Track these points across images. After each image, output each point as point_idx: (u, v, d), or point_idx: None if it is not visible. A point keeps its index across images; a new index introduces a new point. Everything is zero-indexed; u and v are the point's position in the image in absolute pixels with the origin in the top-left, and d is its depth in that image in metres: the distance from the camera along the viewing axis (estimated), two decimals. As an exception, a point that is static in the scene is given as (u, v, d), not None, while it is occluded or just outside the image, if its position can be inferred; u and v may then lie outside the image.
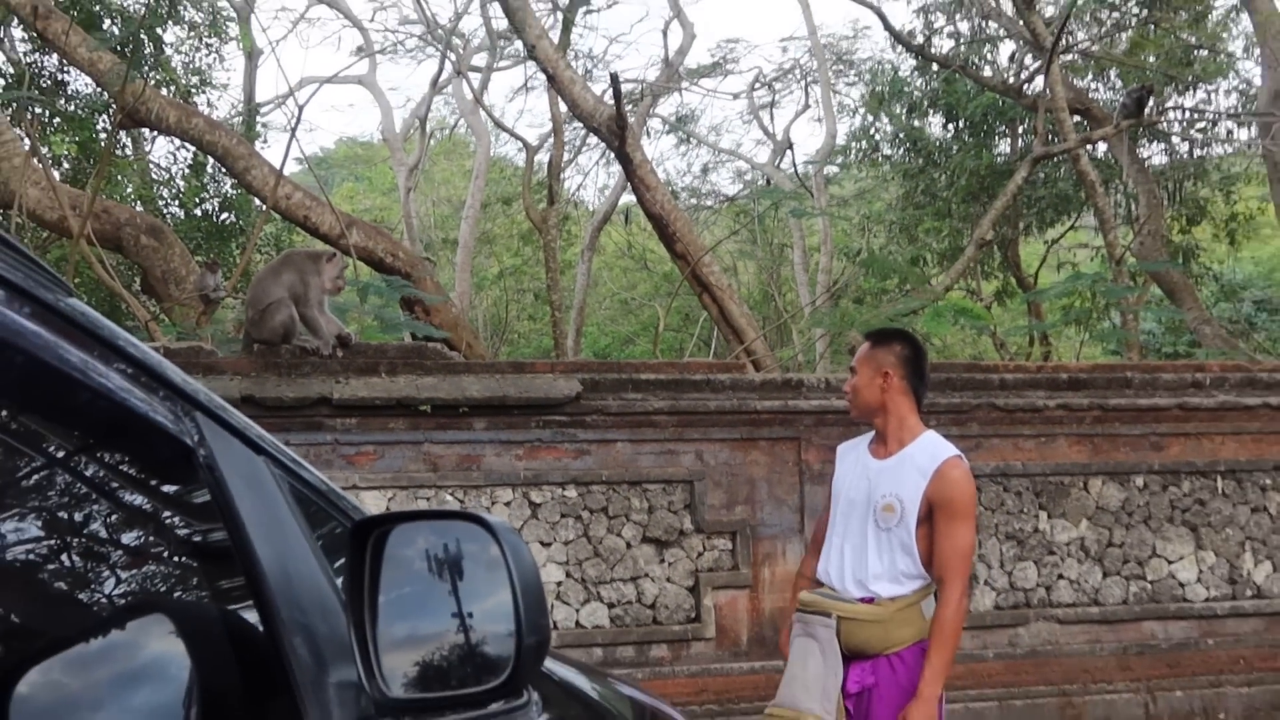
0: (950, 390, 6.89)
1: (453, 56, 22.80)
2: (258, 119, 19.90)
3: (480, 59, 24.00)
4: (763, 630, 6.57)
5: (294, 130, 10.67)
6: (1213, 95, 19.16)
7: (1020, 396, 6.97)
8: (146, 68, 14.50)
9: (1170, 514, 7.09)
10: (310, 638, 1.70)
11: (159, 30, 15.64)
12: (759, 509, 6.62)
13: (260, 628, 1.63)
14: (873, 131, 20.99)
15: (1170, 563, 7.08)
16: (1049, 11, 16.43)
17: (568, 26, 18.22)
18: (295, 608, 1.69)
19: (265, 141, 19.97)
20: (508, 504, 6.30)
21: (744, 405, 6.59)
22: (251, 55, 20.46)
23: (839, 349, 17.70)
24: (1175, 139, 18.98)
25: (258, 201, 14.52)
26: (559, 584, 6.32)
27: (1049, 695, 6.63)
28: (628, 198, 22.86)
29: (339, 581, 1.86)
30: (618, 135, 11.49)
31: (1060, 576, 6.95)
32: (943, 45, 19.04)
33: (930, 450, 4.06)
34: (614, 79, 11.46)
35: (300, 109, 11.49)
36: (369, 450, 6.19)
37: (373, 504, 6.04)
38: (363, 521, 1.84)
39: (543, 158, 22.62)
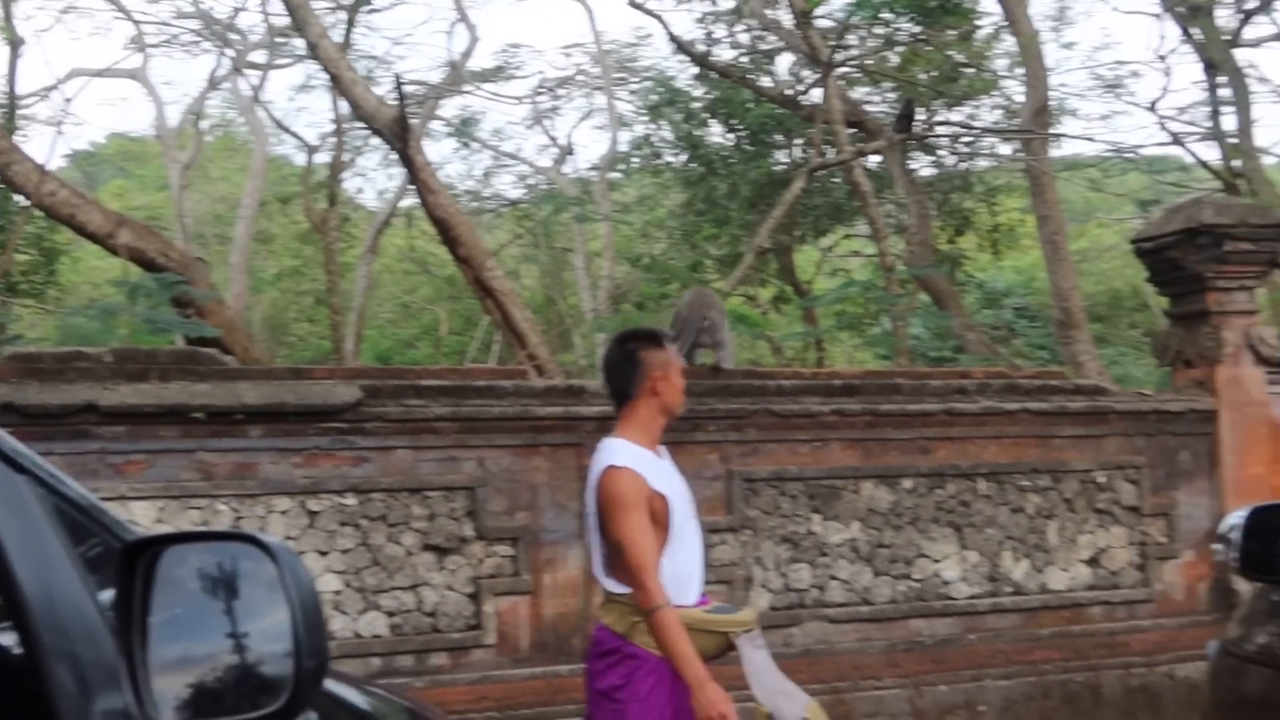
0: (729, 396, 7.02)
1: (230, 53, 22.22)
2: (18, 111, 19.03)
3: (259, 56, 23.42)
4: (544, 636, 6.58)
5: (60, 124, 10.25)
6: (978, 111, 19.96)
7: (796, 402, 7.13)
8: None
9: (936, 515, 7.36)
10: (75, 663, 1.64)
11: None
12: (541, 515, 6.63)
13: (20, 653, 1.57)
14: (654, 139, 21.19)
15: (936, 562, 7.35)
16: (824, 24, 16.86)
17: (351, 26, 17.95)
18: (58, 632, 1.63)
19: (26, 135, 19.13)
20: (284, 512, 6.17)
21: (527, 411, 6.59)
22: (14, 45, 19.56)
23: (621, 354, 17.83)
24: (943, 152, 19.69)
25: (20, 199, 13.88)
26: (337, 593, 6.22)
27: (821, 693, 6.77)
28: (409, 200, 22.65)
29: (106, 604, 1.79)
30: (401, 137, 11.37)
31: (833, 577, 7.15)
32: (723, 55, 19.37)
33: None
34: (397, 80, 11.37)
35: (68, 101, 11.05)
36: (138, 459, 5.98)
37: (142, 515, 5.84)
38: (133, 543, 1.79)
39: (323, 158, 22.25)
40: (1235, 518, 4.65)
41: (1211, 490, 7.94)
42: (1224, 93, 17.80)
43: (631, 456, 4.17)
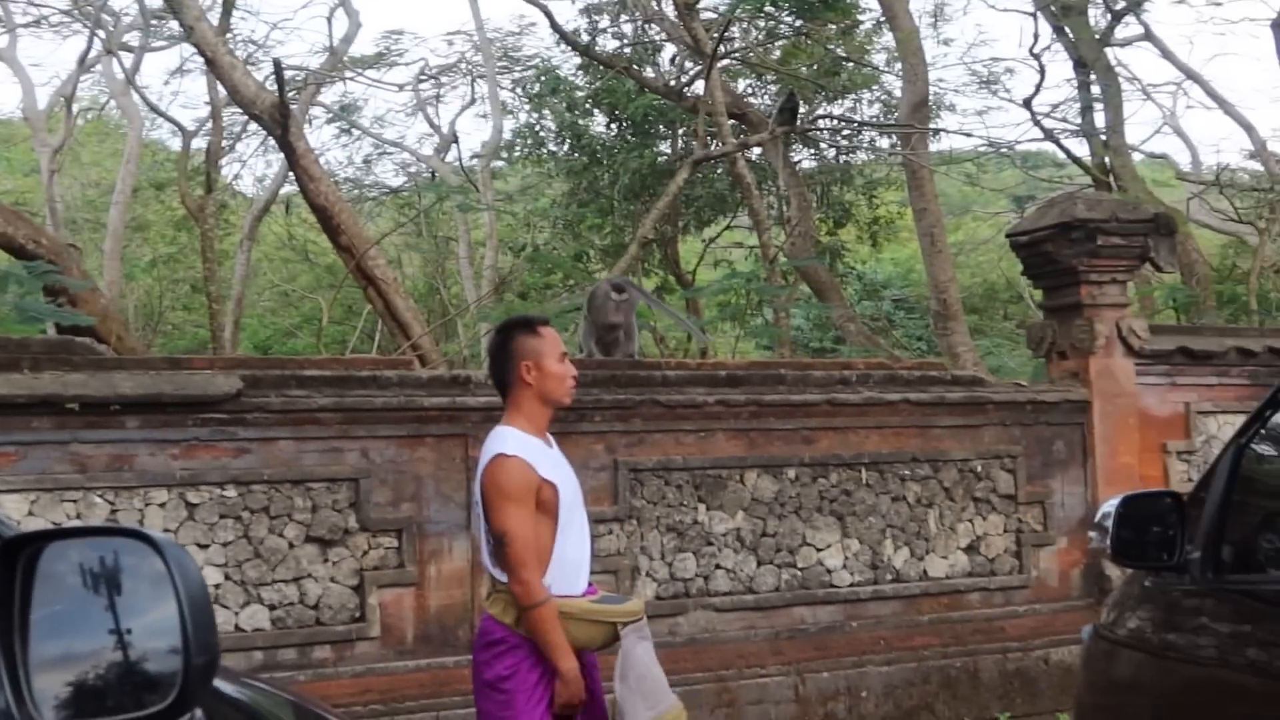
0: (615, 387, 7.02)
1: (102, 34, 21.66)
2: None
3: (133, 38, 22.86)
4: (429, 628, 6.53)
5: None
6: (858, 105, 20.21)
7: (681, 392, 7.16)
8: None
9: (819, 504, 7.44)
10: (-50, 664, 1.59)
11: None
12: (426, 506, 6.57)
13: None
14: (537, 128, 21.13)
15: (819, 550, 7.42)
16: (707, 16, 16.92)
17: (228, 9, 17.60)
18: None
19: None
20: (162, 505, 6.04)
21: (411, 402, 6.53)
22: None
23: (504, 344, 17.76)
24: (824, 145, 19.90)
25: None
26: (217, 586, 6.10)
27: (706, 681, 6.84)
28: (288, 187, 22.31)
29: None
30: (280, 124, 11.19)
31: (718, 566, 7.19)
32: (607, 45, 19.36)
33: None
34: (277, 65, 11.16)
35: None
36: (9, 451, 5.81)
37: (13, 508, 5.68)
38: (12, 539, 1.73)
39: (200, 143, 21.81)
40: (1109, 506, 4.76)
41: (1085, 479, 8.13)
42: (1095, 91, 18.22)
43: (520, 445, 4.15)
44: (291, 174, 14.08)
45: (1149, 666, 4.06)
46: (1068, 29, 18.13)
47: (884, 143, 19.73)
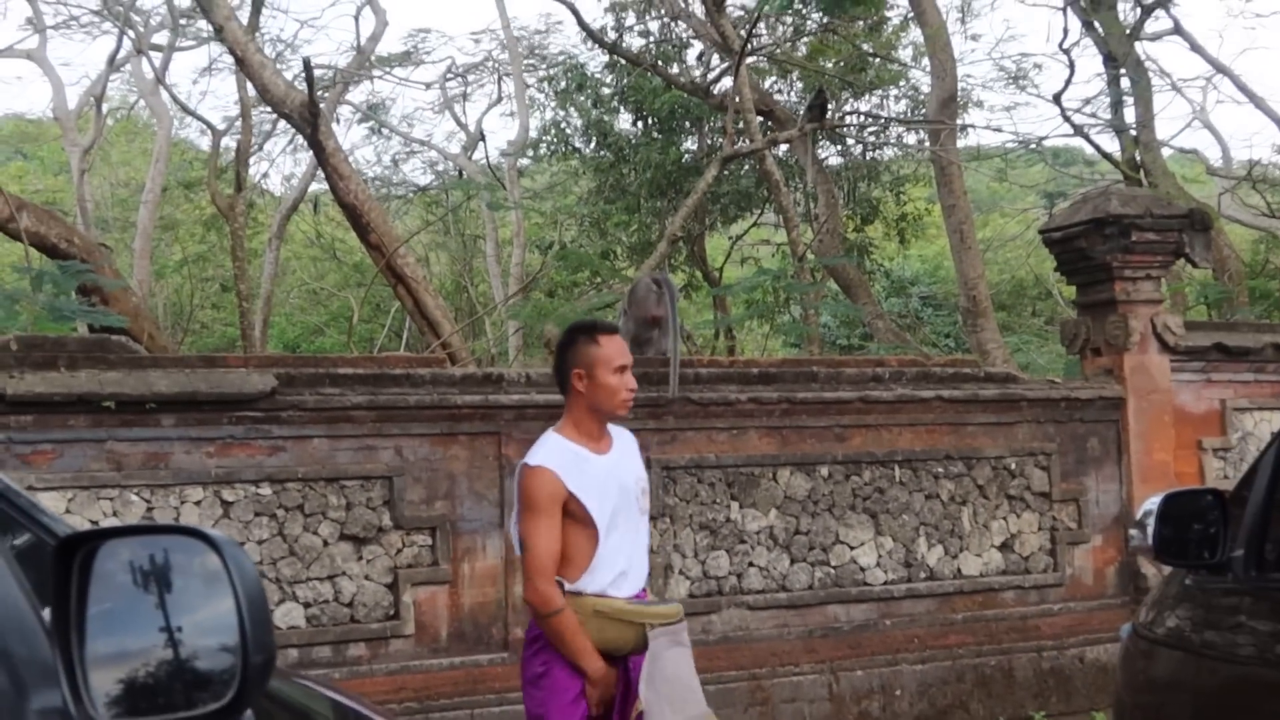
0: (647, 385, 7.00)
1: (131, 34, 21.77)
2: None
3: (162, 37, 22.97)
4: (462, 626, 6.53)
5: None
6: (885, 101, 20.14)
7: (713, 390, 7.15)
8: None
9: (853, 502, 7.41)
10: (8, 662, 1.59)
11: None
12: (459, 504, 6.58)
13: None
14: (564, 126, 21.14)
15: (852, 549, 7.40)
16: (734, 13, 16.90)
17: (258, 8, 17.66)
18: (-8, 630, 1.58)
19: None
20: (198, 503, 6.06)
21: (444, 400, 6.53)
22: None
23: (532, 342, 17.79)
24: (851, 141, 19.85)
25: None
26: (253, 585, 6.11)
27: (740, 679, 6.83)
28: (316, 186, 22.39)
29: (38, 600, 1.74)
30: (310, 122, 11.21)
31: (751, 564, 7.17)
32: (633, 43, 19.36)
33: (621, 432, 4.45)
34: (306, 64, 11.19)
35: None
36: (46, 449, 5.84)
37: (51, 506, 5.70)
38: (68, 538, 1.73)
39: (229, 142, 21.88)
40: (1150, 504, 4.74)
41: (1119, 476, 8.09)
42: (1125, 85, 18.12)
43: (553, 454, 4.13)
44: (320, 172, 14.11)
45: (1189, 665, 4.04)
46: (1097, 23, 18.04)
47: (912, 139, 19.67)
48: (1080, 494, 8.00)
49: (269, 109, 15.46)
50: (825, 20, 16.74)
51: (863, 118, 19.61)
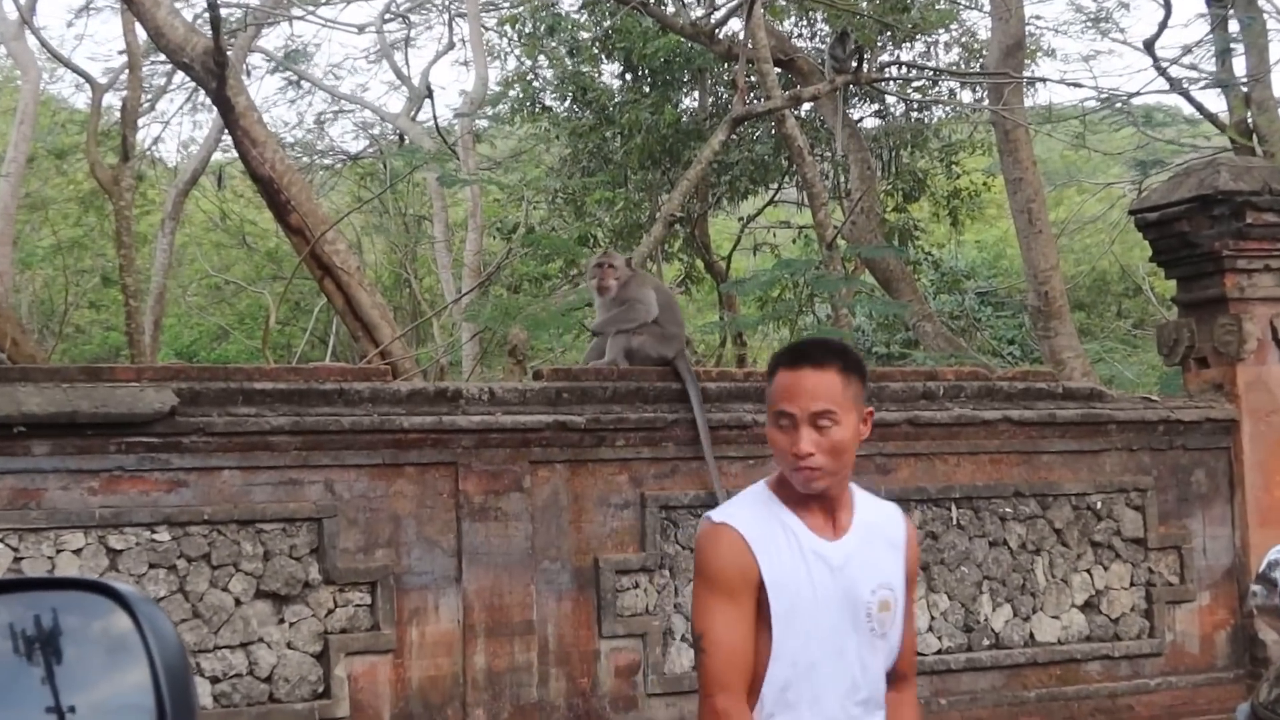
0: (640, 402, 7.02)
1: (-11, -36, 21.74)
2: None
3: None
4: (409, 706, 6.52)
5: None
6: (934, 49, 20.17)
7: (724, 410, 7.17)
8: None
9: (898, 550, 7.40)
10: None
11: None
12: (406, 553, 6.57)
13: None
14: (531, 79, 21.12)
15: (898, 609, 7.39)
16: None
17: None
18: None
19: None
20: (78, 551, 6.04)
21: (387, 422, 6.52)
22: None
23: (493, 349, 17.77)
24: (891, 99, 19.86)
25: None
26: (146, 654, 6.09)
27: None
28: (221, 154, 22.38)
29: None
30: (216, 74, 11.21)
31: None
32: (619, -25, 19.37)
33: (882, 510, 3.76)
34: (212, 4, 11.18)
35: None
36: (-114, 483, 5.83)
37: (-107, 555, 5.69)
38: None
39: (113, 100, 21.85)
40: (1274, 554, 4.73)
41: (1232, 518, 8.10)
42: (1234, 30, 18.15)
43: (744, 512, 3.57)
44: (228, 137, 14.10)
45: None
46: (1199, -47, 18.08)
47: (967, 96, 19.68)
48: (1183, 540, 8.01)
49: (164, 58, 15.44)
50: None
51: (906, 70, 19.63)
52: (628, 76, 19.48)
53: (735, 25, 16.12)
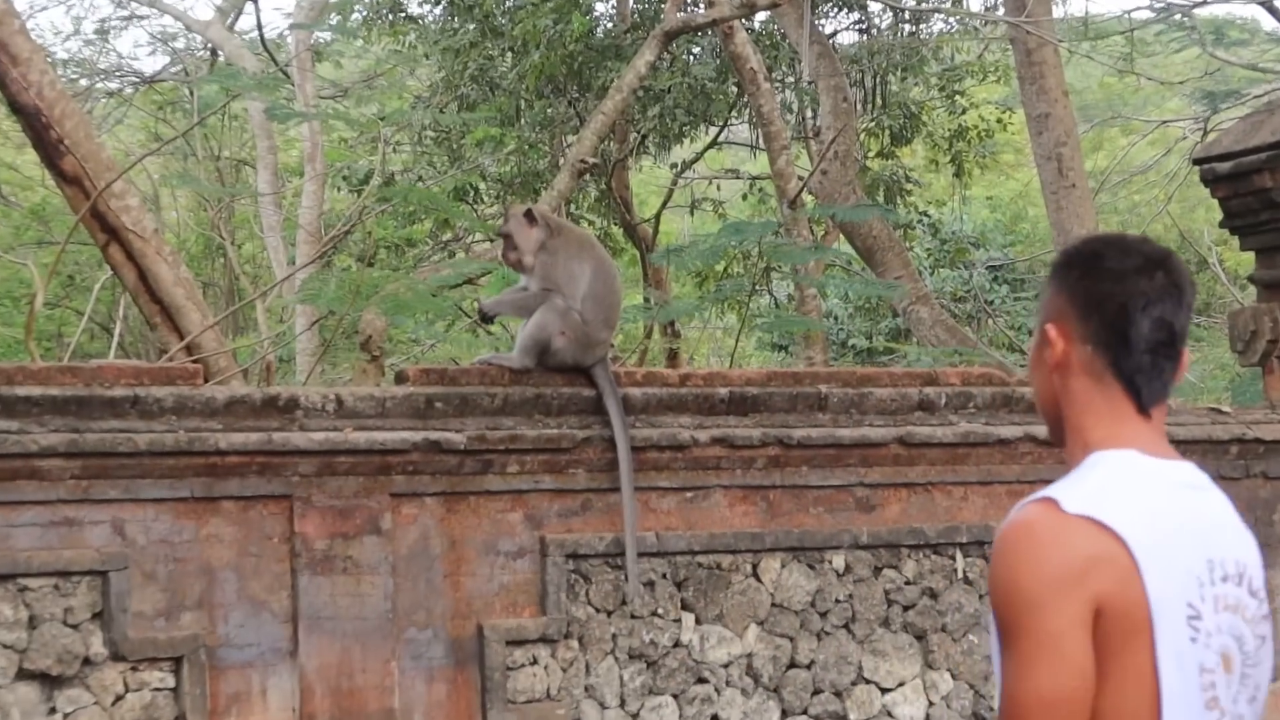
0: (542, 415, 7.02)
1: None
2: None
3: None
4: (227, 829, 6.51)
5: None
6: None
7: (653, 424, 7.17)
8: None
9: (886, 613, 7.44)
10: None
11: None
12: (223, 618, 6.54)
13: None
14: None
15: (885, 691, 7.43)
16: None
17: None
18: None
19: None
20: None
21: (197, 441, 6.48)
22: None
23: (339, 342, 17.69)
24: (876, 6, 19.96)
25: None
26: None
27: None
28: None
29: None
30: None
31: (714, 718, 7.18)
32: None
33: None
34: None
35: None
36: None
37: None
38: None
39: None
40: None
41: (1327, 568, 8.20)
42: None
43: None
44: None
45: None
46: None
47: (976, 3, 19.84)
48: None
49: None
50: None
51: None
52: (521, -24, 19.50)
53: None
